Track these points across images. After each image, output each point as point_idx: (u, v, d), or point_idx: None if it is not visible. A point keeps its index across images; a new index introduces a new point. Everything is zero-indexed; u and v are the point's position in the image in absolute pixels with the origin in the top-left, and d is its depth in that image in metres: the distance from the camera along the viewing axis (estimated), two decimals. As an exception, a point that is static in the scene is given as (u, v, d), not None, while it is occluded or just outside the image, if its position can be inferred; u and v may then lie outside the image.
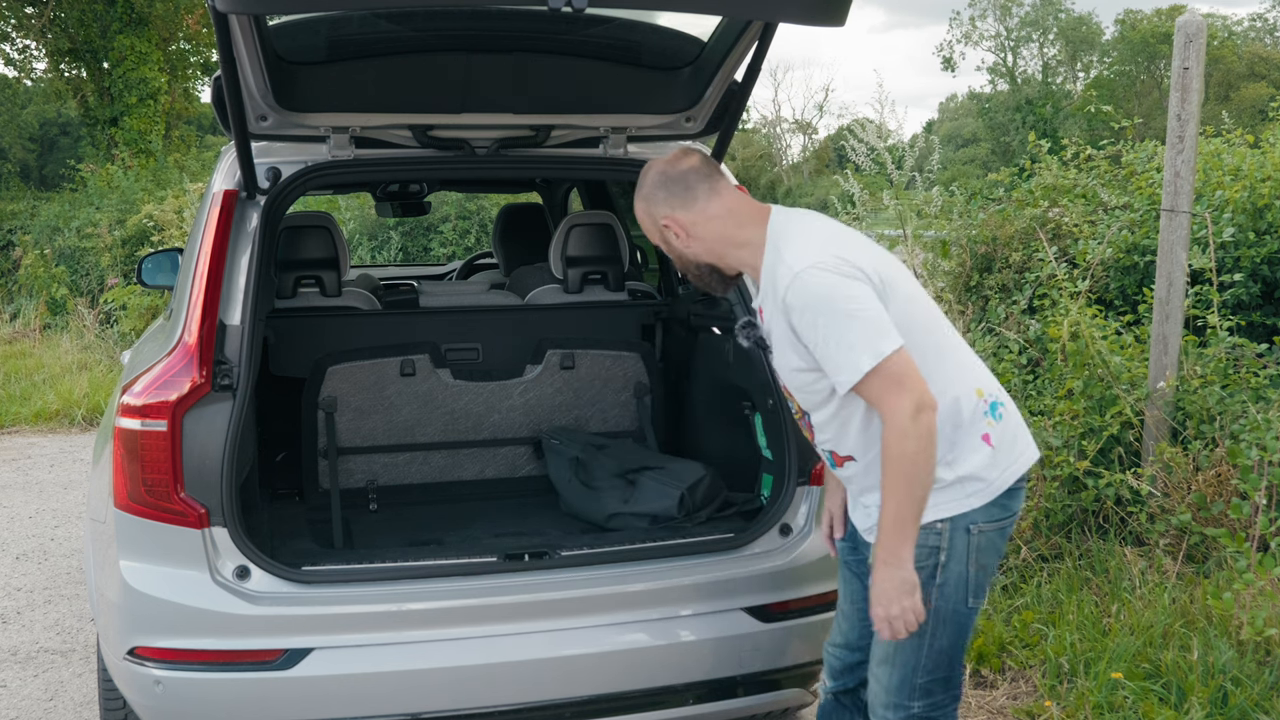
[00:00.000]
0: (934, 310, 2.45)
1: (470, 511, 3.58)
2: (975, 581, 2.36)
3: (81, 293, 13.18)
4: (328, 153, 3.12)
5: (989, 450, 2.34)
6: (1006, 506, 2.38)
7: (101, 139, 21.64)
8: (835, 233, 2.42)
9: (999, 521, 2.37)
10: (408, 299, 4.33)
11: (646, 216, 2.51)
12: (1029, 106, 42.88)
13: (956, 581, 2.34)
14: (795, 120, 71.65)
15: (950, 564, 2.33)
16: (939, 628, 2.36)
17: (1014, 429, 2.41)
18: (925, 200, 6.59)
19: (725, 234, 2.44)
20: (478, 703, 2.71)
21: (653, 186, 2.48)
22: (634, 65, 3.21)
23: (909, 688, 2.41)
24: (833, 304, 2.23)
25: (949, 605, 2.35)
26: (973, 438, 2.33)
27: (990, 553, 2.38)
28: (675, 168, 2.46)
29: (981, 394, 2.36)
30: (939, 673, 2.40)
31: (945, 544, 2.33)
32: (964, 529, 2.33)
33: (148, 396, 2.60)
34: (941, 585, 2.34)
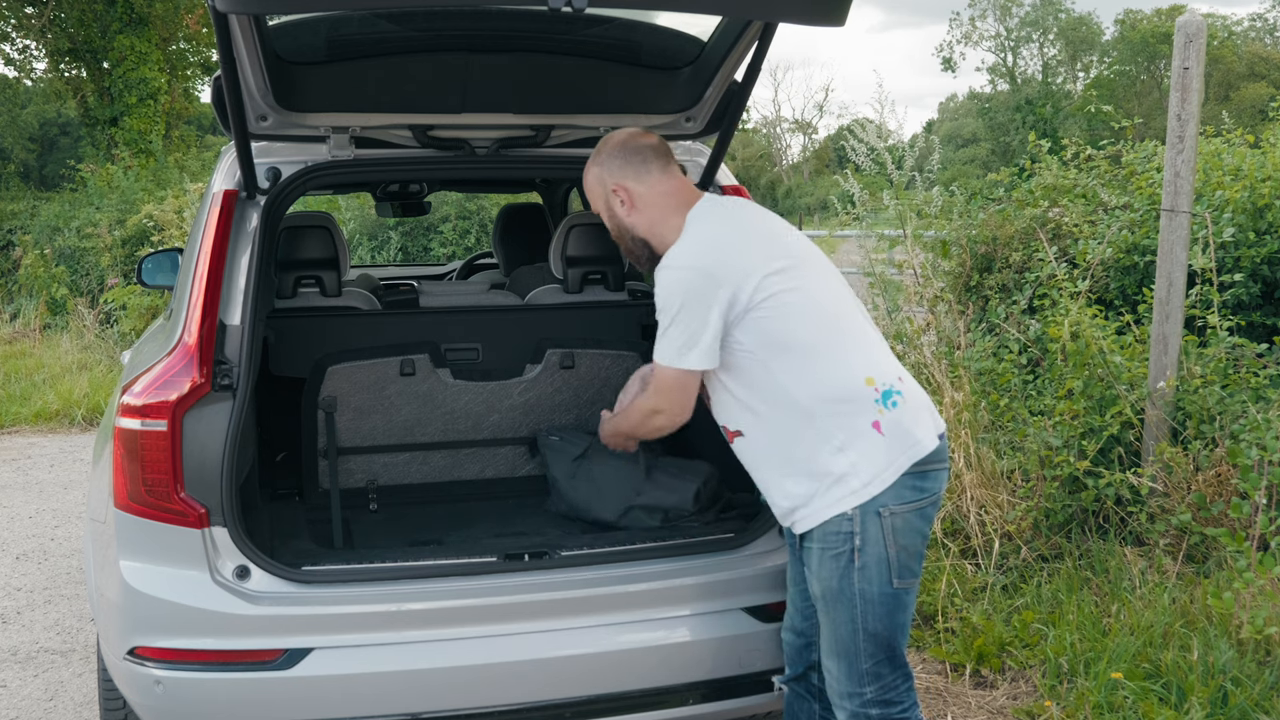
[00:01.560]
0: (836, 304, 2.55)
1: (470, 511, 3.57)
2: (898, 562, 2.43)
3: (81, 293, 13.18)
4: (328, 153, 3.12)
5: (879, 438, 2.42)
6: (920, 488, 2.45)
7: (101, 139, 21.65)
8: (729, 235, 2.56)
9: (913, 503, 2.44)
10: (408, 299, 4.33)
11: (597, 181, 2.68)
12: (1029, 106, 42.88)
13: (877, 564, 2.42)
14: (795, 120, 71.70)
15: (866, 548, 2.42)
16: (868, 610, 2.44)
17: (910, 415, 2.46)
18: (926, 200, 6.59)
19: (663, 213, 2.62)
20: (478, 703, 2.71)
21: (611, 154, 2.65)
22: (634, 65, 3.21)
23: (857, 674, 2.48)
24: (667, 303, 2.48)
25: (873, 588, 2.43)
26: (863, 425, 2.42)
27: (909, 533, 2.44)
28: (637, 141, 2.65)
29: (872, 382, 2.44)
30: (880, 654, 2.47)
31: (858, 529, 2.42)
32: (874, 513, 2.41)
33: (148, 396, 2.60)
34: (861, 569, 2.42)
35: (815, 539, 2.48)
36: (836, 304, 2.56)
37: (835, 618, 2.49)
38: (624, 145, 2.64)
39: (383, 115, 3.10)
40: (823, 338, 2.47)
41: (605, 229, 4.08)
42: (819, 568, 2.48)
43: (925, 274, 6.16)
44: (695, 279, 2.46)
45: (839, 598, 2.46)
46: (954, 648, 4.02)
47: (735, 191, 3.36)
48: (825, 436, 2.43)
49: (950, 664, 4.00)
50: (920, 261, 6.22)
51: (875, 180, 7.19)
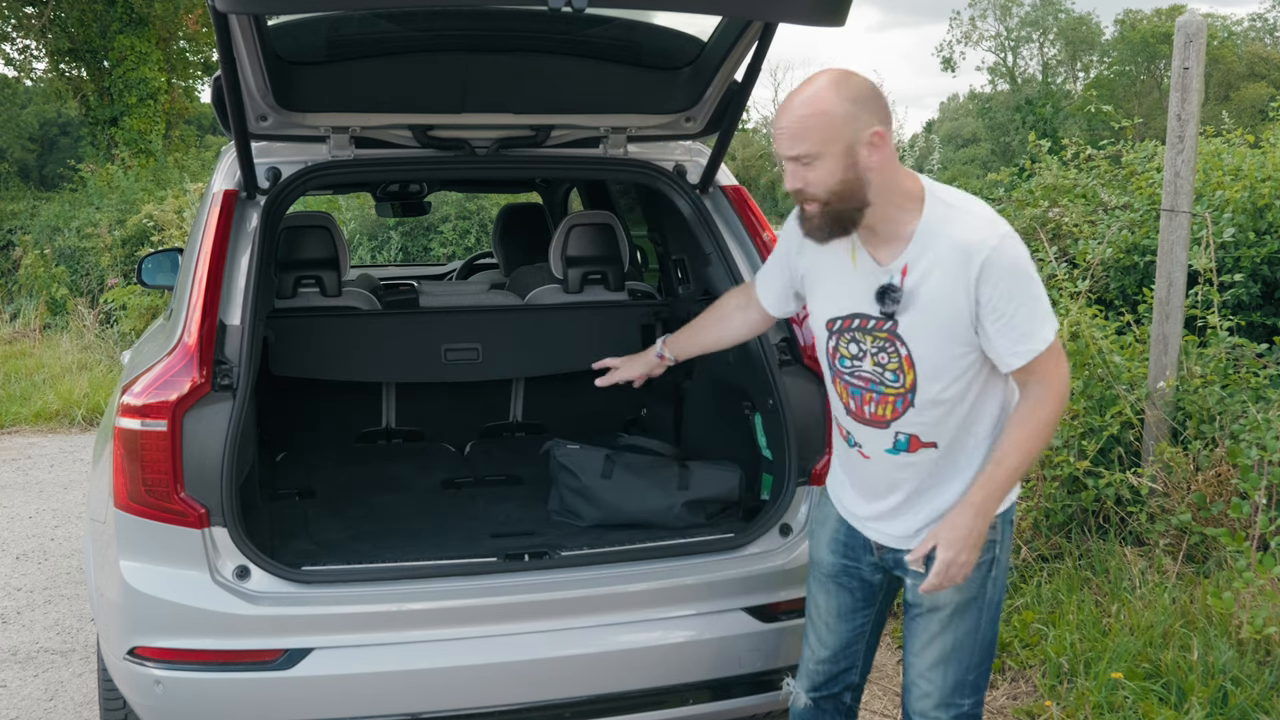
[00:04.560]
0: None
1: (470, 512, 3.57)
2: (1007, 567, 2.42)
3: (81, 293, 13.17)
4: (328, 153, 3.12)
5: None
6: None
7: (101, 139, 21.63)
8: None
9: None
10: (408, 299, 4.33)
11: (849, 120, 2.16)
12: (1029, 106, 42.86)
13: (1003, 571, 2.39)
14: (795, 120, 71.48)
15: (1001, 555, 2.37)
16: (990, 618, 2.38)
17: None
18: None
19: (894, 170, 2.24)
20: (478, 703, 2.71)
21: (865, 95, 2.20)
22: (634, 65, 3.21)
23: (963, 686, 2.40)
24: (1030, 273, 2.20)
25: (998, 595, 2.39)
26: None
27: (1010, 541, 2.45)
28: (878, 89, 2.25)
29: None
30: (986, 664, 2.42)
31: (999, 536, 2.35)
32: (1009, 520, 2.39)
33: (148, 396, 2.60)
34: (995, 577, 2.36)
35: None
36: None
37: (961, 627, 2.37)
38: (874, 90, 2.22)
39: (383, 115, 3.10)
40: None
41: (605, 229, 4.11)
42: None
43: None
44: (1021, 246, 2.24)
45: (971, 606, 2.35)
46: (954, 648, 4.02)
47: (735, 192, 3.36)
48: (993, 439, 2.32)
49: (950, 664, 4.00)
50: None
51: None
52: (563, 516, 3.36)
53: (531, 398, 4.46)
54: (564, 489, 3.37)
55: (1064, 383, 2.21)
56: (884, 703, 3.83)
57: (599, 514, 3.28)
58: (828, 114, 2.17)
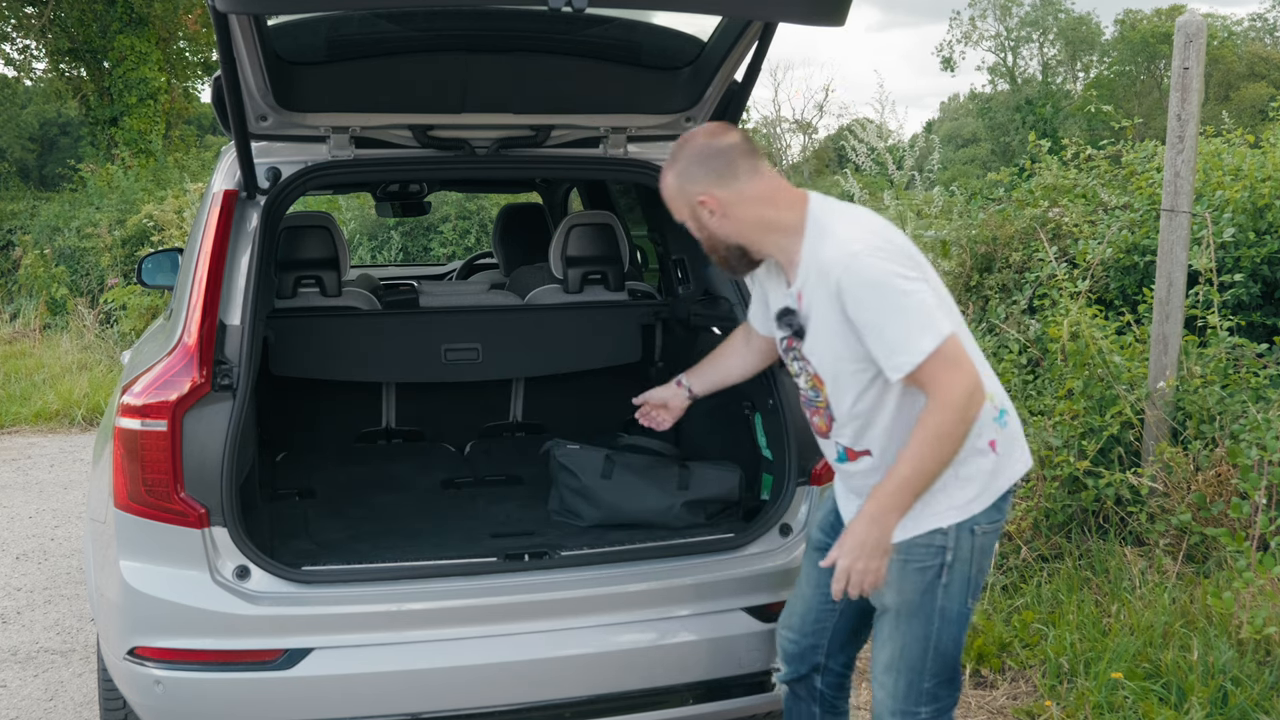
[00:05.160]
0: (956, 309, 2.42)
1: (470, 512, 3.57)
2: (974, 582, 2.41)
3: (81, 293, 13.17)
4: (328, 153, 3.12)
5: (993, 457, 2.37)
6: (1001, 509, 2.42)
7: (101, 139, 21.62)
8: (881, 221, 2.39)
9: (996, 524, 2.41)
10: (408, 299, 4.33)
11: (679, 193, 2.41)
12: (1029, 106, 42.83)
13: (960, 582, 2.37)
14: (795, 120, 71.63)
15: (955, 565, 2.35)
16: (944, 628, 2.38)
17: (1014, 437, 2.44)
18: (926, 200, 6.59)
19: (762, 216, 2.37)
20: (478, 703, 2.71)
21: (690, 161, 2.38)
22: (634, 65, 3.21)
23: (916, 693, 2.41)
24: (891, 285, 2.20)
25: (954, 606, 2.38)
26: (980, 443, 2.34)
27: (987, 555, 2.42)
28: (718, 142, 2.37)
29: (992, 399, 2.35)
30: (944, 675, 2.42)
31: (951, 545, 2.35)
32: (969, 530, 2.35)
33: (148, 396, 2.60)
34: (947, 585, 2.36)
35: (900, 550, 2.34)
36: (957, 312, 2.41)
37: (908, 633, 2.39)
38: (705, 150, 2.37)
39: (383, 115, 3.10)
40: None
41: (605, 229, 4.11)
42: (900, 580, 2.36)
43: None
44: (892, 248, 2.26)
45: (917, 613, 2.37)
46: (954, 648, 4.02)
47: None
48: None
49: (950, 664, 4.00)
50: (920, 261, 6.22)
51: (875, 180, 7.20)
52: (563, 516, 3.36)
53: (531, 398, 4.46)
54: (564, 489, 3.37)
55: (956, 390, 2.16)
56: (884, 703, 3.83)
57: (599, 514, 3.28)
58: (667, 191, 2.46)
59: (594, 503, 3.29)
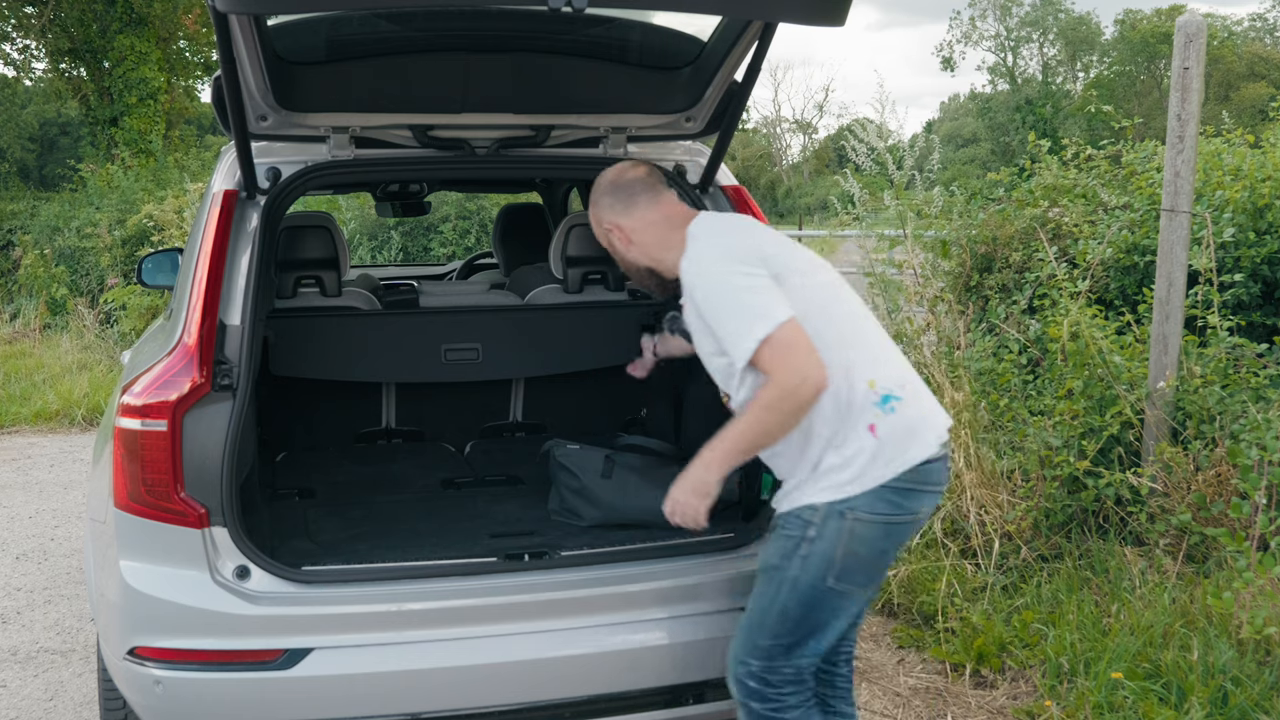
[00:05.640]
0: (844, 303, 2.57)
1: (470, 512, 3.57)
2: (841, 564, 2.44)
3: (81, 293, 13.18)
4: (328, 153, 3.12)
5: (873, 440, 2.42)
6: (898, 505, 2.43)
7: (101, 139, 21.64)
8: (742, 228, 2.65)
9: (885, 515, 2.42)
10: (408, 299, 4.33)
11: (595, 222, 2.77)
12: (1029, 106, 42.89)
13: (820, 560, 2.44)
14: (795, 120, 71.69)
15: (817, 542, 2.44)
16: (791, 592, 2.47)
17: (907, 426, 2.45)
18: (926, 200, 6.59)
19: (659, 238, 2.66)
20: (478, 703, 2.71)
21: (600, 193, 2.74)
22: (634, 65, 3.21)
23: (751, 645, 2.52)
24: (726, 283, 2.44)
25: (806, 577, 2.45)
26: (858, 426, 2.42)
27: (865, 543, 2.43)
28: (622, 177, 2.72)
29: (874, 385, 2.44)
30: (782, 638, 2.49)
31: (818, 521, 2.43)
32: (839, 513, 2.42)
33: (148, 396, 2.60)
34: (805, 558, 2.45)
35: (779, 521, 2.53)
36: (842, 305, 2.56)
37: (762, 590, 2.53)
38: (612, 184, 2.72)
39: (383, 115, 3.10)
40: (832, 335, 2.45)
41: None
42: (771, 543, 2.55)
43: (925, 274, 6.16)
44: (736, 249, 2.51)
45: (773, 575, 2.50)
46: (954, 648, 4.03)
47: (735, 191, 3.36)
48: (825, 432, 2.43)
49: (950, 664, 4.00)
50: (920, 261, 6.22)
51: (875, 180, 7.20)
52: (563, 516, 3.36)
53: (531, 398, 4.46)
54: (564, 489, 3.37)
55: (789, 372, 2.32)
56: (884, 703, 3.83)
57: (599, 514, 3.28)
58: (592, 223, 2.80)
59: (594, 503, 3.29)
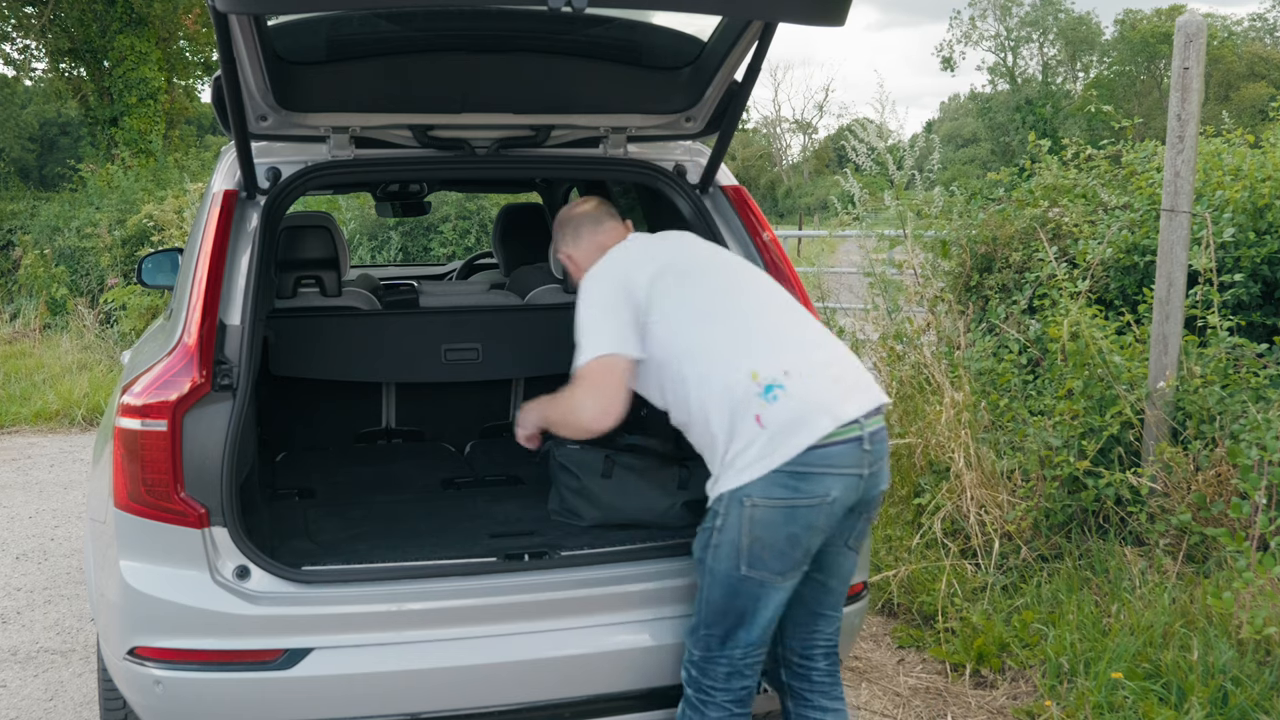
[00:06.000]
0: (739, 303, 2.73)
1: (470, 512, 3.57)
2: (749, 551, 2.52)
3: (81, 293, 13.18)
4: (328, 153, 3.11)
5: (759, 430, 2.50)
6: (795, 488, 2.49)
7: (101, 139, 21.64)
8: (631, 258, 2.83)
9: (783, 500, 2.49)
10: (408, 299, 4.33)
11: (553, 252, 3.16)
12: (1029, 106, 42.88)
13: (728, 548, 2.54)
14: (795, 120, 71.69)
15: (724, 531, 2.54)
16: (712, 584, 2.59)
17: (793, 413, 2.50)
18: (926, 200, 6.59)
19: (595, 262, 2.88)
20: (477, 703, 2.71)
21: (557, 227, 3.09)
22: (634, 65, 3.21)
23: (693, 633, 2.66)
24: (585, 304, 2.74)
25: (720, 567, 2.56)
26: (746, 418, 2.52)
27: (768, 527, 2.50)
28: (572, 212, 3.05)
29: (756, 377, 2.54)
30: (713, 629, 2.60)
31: (722, 511, 2.55)
32: (739, 501, 2.52)
33: (148, 396, 2.60)
34: (716, 547, 2.56)
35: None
36: (737, 305, 2.72)
37: (697, 580, 2.66)
38: (564, 219, 3.05)
39: (383, 115, 3.10)
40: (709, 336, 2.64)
41: None
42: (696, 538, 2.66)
43: (925, 274, 6.16)
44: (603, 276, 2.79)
45: (699, 567, 2.63)
46: (954, 648, 4.03)
47: (735, 191, 3.36)
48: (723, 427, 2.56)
49: (950, 664, 4.01)
50: (920, 261, 6.22)
51: (875, 180, 7.19)
52: (563, 516, 3.35)
53: (531, 398, 4.45)
54: (564, 489, 3.37)
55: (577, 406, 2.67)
56: (884, 703, 3.83)
57: (599, 514, 3.27)
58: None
59: (594, 503, 3.29)
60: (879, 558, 4.62)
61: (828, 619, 2.77)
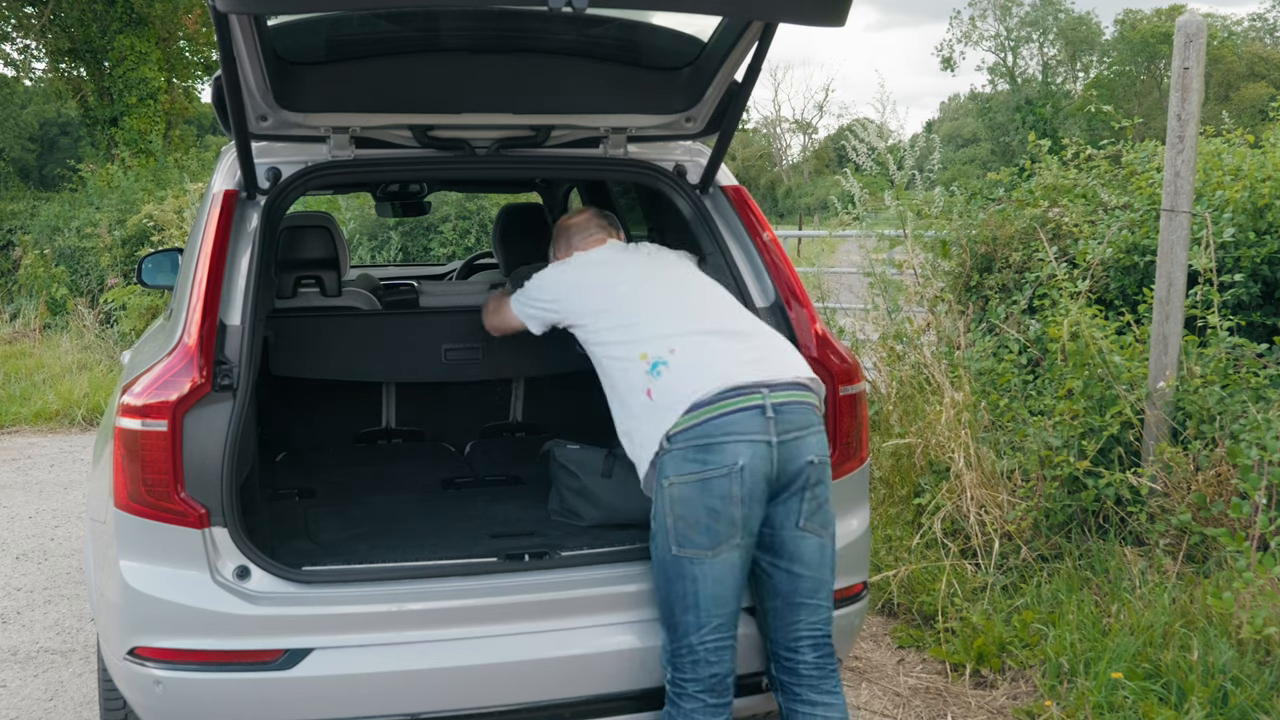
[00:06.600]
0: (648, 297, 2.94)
1: (470, 512, 3.57)
2: (675, 530, 2.63)
3: (81, 293, 13.18)
4: (328, 153, 3.11)
5: (649, 403, 2.70)
6: (703, 460, 2.60)
7: (101, 139, 21.64)
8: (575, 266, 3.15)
9: (694, 474, 2.61)
10: (408, 299, 4.33)
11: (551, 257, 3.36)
12: (1029, 106, 42.88)
13: (660, 531, 2.67)
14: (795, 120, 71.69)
15: (656, 518, 2.68)
16: (658, 574, 2.71)
17: (676, 383, 2.69)
18: (927, 200, 6.59)
19: None
20: (477, 703, 2.71)
21: (555, 235, 3.39)
22: (634, 65, 3.21)
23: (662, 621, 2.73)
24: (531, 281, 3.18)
25: (658, 554, 2.69)
26: (639, 396, 2.74)
27: (686, 504, 2.61)
28: (566, 222, 3.36)
29: (644, 357, 2.77)
30: (665, 617, 2.70)
31: (655, 499, 2.69)
32: (660, 483, 2.66)
33: (148, 397, 2.60)
34: (653, 535, 2.70)
35: None
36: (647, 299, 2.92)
37: None
38: (559, 228, 3.36)
39: (383, 115, 3.09)
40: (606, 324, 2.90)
41: None
42: None
43: (925, 274, 6.16)
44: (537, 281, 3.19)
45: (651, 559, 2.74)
46: (954, 648, 4.03)
47: (735, 191, 3.36)
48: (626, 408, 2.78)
49: (950, 664, 4.01)
50: (920, 261, 6.22)
51: (875, 180, 7.19)
52: (563, 516, 3.35)
53: (531, 398, 4.46)
54: (564, 489, 3.37)
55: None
56: (884, 703, 3.83)
57: (599, 514, 3.27)
58: None
59: (594, 503, 3.28)
60: (879, 558, 4.62)
61: (808, 608, 2.74)
